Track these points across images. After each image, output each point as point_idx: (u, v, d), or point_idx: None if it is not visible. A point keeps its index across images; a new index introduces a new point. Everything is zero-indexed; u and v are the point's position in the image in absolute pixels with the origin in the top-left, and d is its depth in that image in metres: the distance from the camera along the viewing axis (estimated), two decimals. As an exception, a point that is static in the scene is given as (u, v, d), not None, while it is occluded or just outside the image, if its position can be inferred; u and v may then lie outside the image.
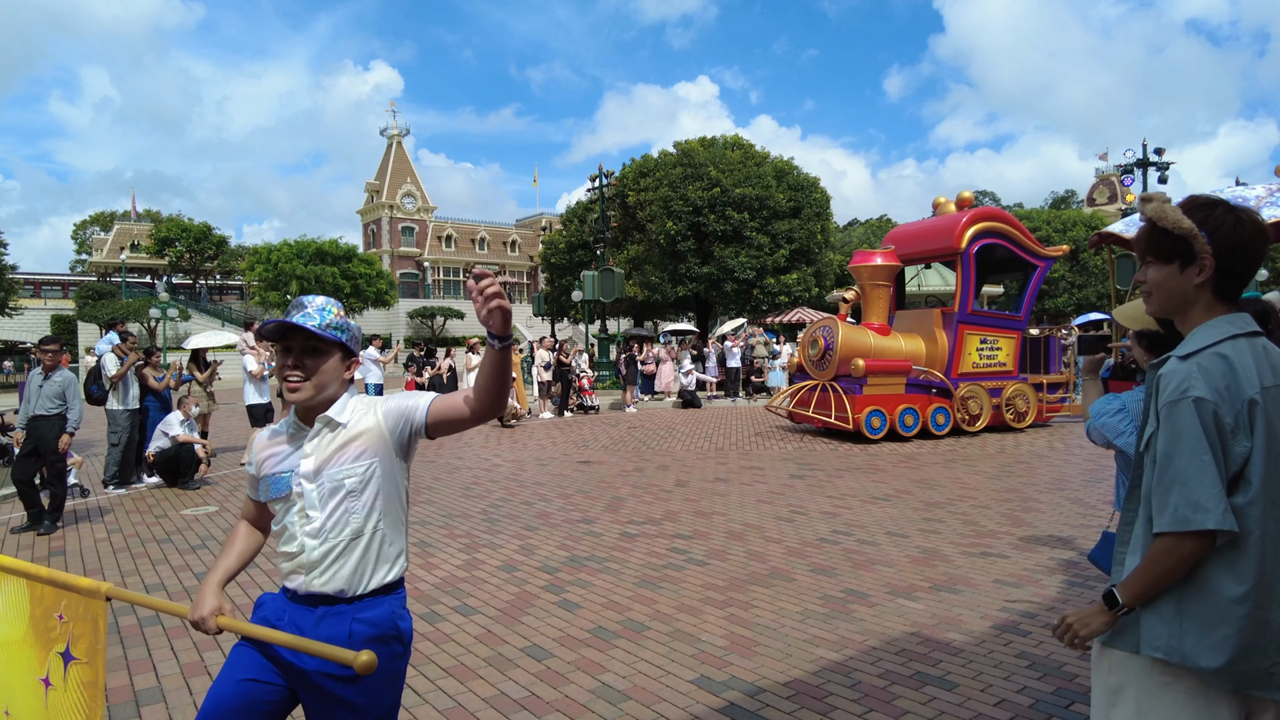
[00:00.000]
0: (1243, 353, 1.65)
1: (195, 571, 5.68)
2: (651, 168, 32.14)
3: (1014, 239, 12.53)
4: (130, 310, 41.77)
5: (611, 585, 5.14)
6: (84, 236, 73.87)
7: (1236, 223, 1.70)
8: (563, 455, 11.09)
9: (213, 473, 9.83)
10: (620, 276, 22.75)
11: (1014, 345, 12.88)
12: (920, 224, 13.58)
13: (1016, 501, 7.52)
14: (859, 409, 11.53)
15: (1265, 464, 1.61)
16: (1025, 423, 12.71)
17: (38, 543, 6.71)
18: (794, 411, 12.94)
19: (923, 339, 12.50)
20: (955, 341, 12.27)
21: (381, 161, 69.65)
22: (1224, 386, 1.62)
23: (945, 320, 12.50)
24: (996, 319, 13.09)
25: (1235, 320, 1.71)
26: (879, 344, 12.04)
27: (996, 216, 12.53)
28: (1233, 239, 1.69)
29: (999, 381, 12.57)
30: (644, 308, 35.74)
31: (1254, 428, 1.61)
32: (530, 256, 69.92)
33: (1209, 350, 1.66)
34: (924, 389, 12.16)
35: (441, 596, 4.99)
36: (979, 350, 12.54)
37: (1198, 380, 1.62)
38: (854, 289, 12.90)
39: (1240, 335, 1.68)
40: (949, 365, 12.24)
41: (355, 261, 43.69)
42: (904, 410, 11.74)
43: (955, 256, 12.21)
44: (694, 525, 6.74)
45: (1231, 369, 1.63)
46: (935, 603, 4.70)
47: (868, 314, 12.66)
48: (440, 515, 7.33)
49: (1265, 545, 1.62)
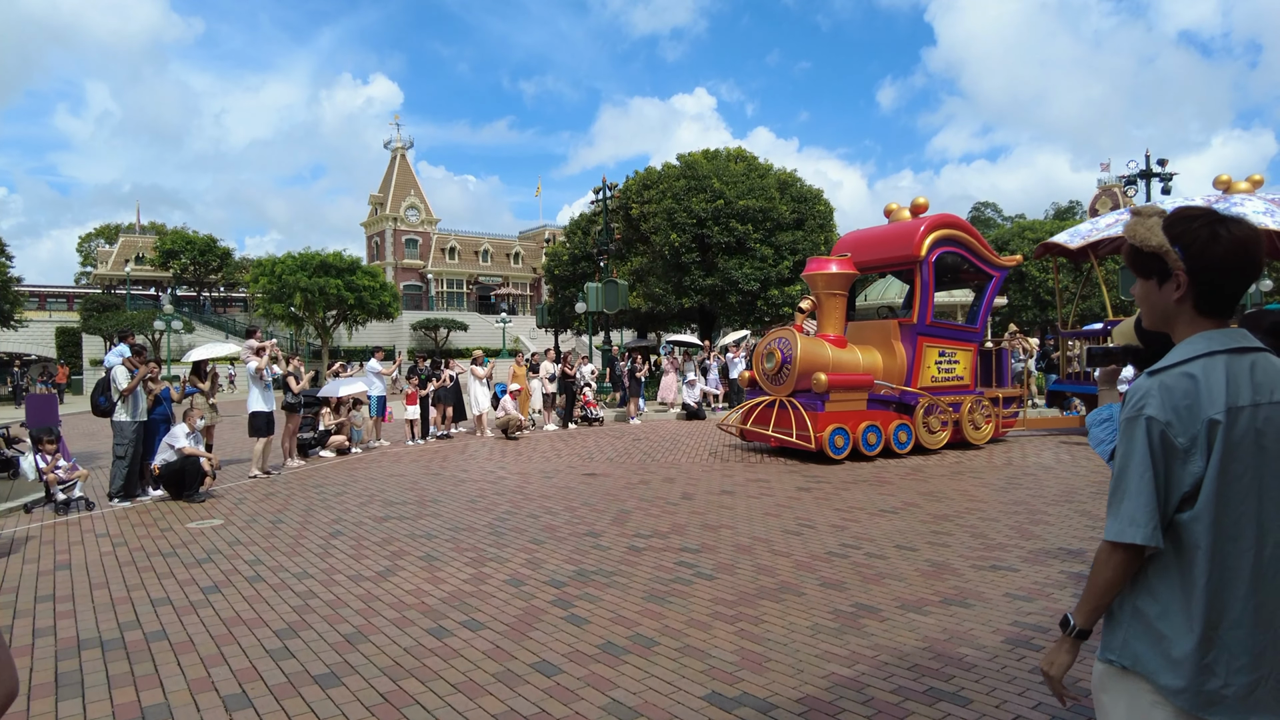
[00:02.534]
0: (1214, 371, 1.61)
1: (201, 585, 5.65)
2: (655, 180, 32.22)
3: (971, 248, 12.03)
4: (135, 322, 41.87)
5: (619, 599, 5.10)
6: (89, 249, 74.18)
7: (1211, 237, 1.64)
8: (568, 467, 11.06)
9: (218, 485, 9.81)
10: (624, 288, 22.78)
11: (971, 358, 12.43)
12: (876, 230, 12.74)
13: (1024, 514, 7.48)
14: (821, 427, 10.81)
15: (1217, 482, 1.59)
16: (984, 438, 12.24)
17: (43, 556, 6.69)
18: (747, 430, 12.13)
19: (879, 351, 11.87)
20: (914, 354, 11.68)
21: (385, 174, 69.93)
22: (1183, 406, 1.59)
23: (903, 332, 11.86)
24: (954, 330, 12.55)
25: (1216, 337, 1.66)
26: (838, 357, 11.41)
27: (954, 224, 11.98)
28: (1206, 254, 1.64)
29: (958, 395, 12.06)
30: (648, 319, 35.74)
31: (1211, 448, 1.59)
32: (533, 268, 70.05)
33: (1176, 368, 1.64)
34: (884, 404, 11.56)
35: (449, 611, 4.96)
36: (938, 363, 12.01)
37: (1154, 398, 1.62)
38: (810, 298, 12.19)
39: (1219, 352, 1.63)
40: (908, 379, 11.65)
41: (359, 274, 43.77)
42: (867, 428, 11.07)
43: (914, 265, 11.56)
44: (701, 538, 6.70)
45: (1195, 388, 1.60)
46: (946, 617, 4.67)
47: (823, 325, 12.05)
48: (446, 528, 7.31)
49: (1213, 562, 1.60)
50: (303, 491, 9.57)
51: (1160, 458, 1.61)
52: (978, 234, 12.16)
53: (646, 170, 33.59)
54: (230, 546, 6.82)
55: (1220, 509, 1.60)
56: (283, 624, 4.80)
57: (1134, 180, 22.85)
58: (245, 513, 8.32)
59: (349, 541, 6.89)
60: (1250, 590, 1.60)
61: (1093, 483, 9.02)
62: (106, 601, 5.35)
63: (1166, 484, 1.62)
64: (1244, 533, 1.61)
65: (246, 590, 5.52)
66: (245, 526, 7.63)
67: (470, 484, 9.80)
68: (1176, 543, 1.64)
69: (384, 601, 5.18)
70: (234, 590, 5.52)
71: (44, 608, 5.26)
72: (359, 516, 7.94)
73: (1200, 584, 1.61)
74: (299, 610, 5.05)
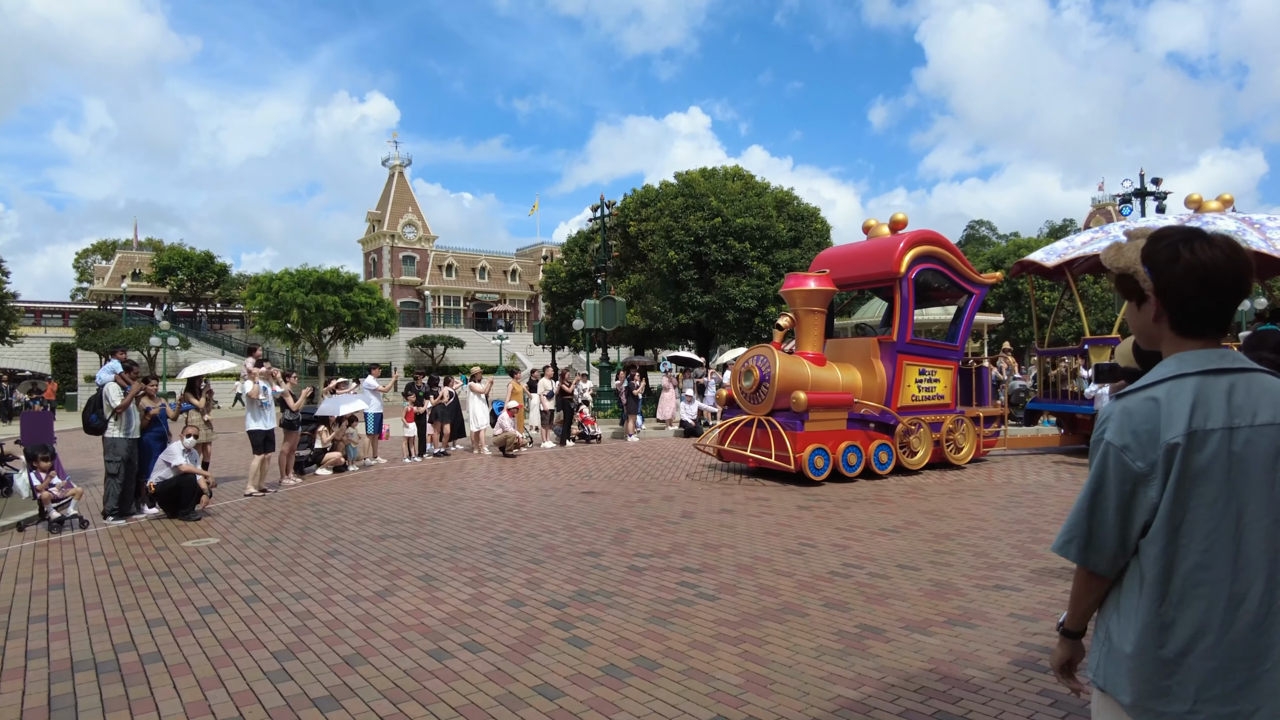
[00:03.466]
0: (1180, 395, 1.59)
1: (197, 606, 5.58)
2: (653, 198, 32.39)
3: (951, 264, 11.88)
4: (131, 338, 41.76)
5: (621, 621, 5.05)
6: (86, 265, 74.14)
7: (1171, 258, 1.62)
8: (566, 486, 11.00)
9: (214, 504, 9.73)
10: (622, 305, 22.81)
11: (951, 376, 12.15)
12: (855, 246, 12.65)
13: (1026, 532, 7.45)
14: (800, 447, 10.53)
15: (1172, 508, 1.57)
16: (965, 458, 12.02)
17: (36, 575, 6.61)
18: (725, 450, 11.77)
19: (859, 370, 11.65)
20: (894, 373, 11.45)
21: (383, 191, 70.14)
22: (1143, 430, 1.59)
23: (883, 350, 11.63)
24: (935, 349, 12.26)
25: (1189, 359, 1.64)
26: (817, 375, 11.16)
27: (934, 240, 11.81)
28: (1166, 274, 1.64)
29: (938, 415, 11.83)
30: (645, 336, 35.77)
31: (1170, 472, 1.57)
32: (531, 285, 70.15)
33: (1142, 392, 1.63)
34: (864, 424, 11.30)
35: (449, 633, 4.90)
36: (918, 382, 11.75)
37: (1114, 423, 1.63)
38: (789, 314, 11.94)
39: (1190, 374, 1.61)
40: (888, 398, 11.41)
41: (356, 290, 43.77)
42: (847, 448, 10.80)
43: (894, 282, 11.38)
44: (702, 558, 6.65)
45: (1156, 412, 1.58)
46: (952, 638, 4.62)
47: (802, 342, 11.79)
48: (445, 548, 7.24)
49: (1167, 588, 1.59)
50: (299, 510, 9.49)
51: (1113, 481, 1.62)
52: (957, 250, 12.07)
53: (644, 188, 33.81)
54: (227, 566, 6.75)
55: (1179, 536, 1.59)
56: (280, 645, 4.73)
57: (1128, 199, 23.00)
58: (242, 531, 8.25)
59: (346, 561, 6.82)
60: (1225, 623, 1.56)
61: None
62: (101, 622, 5.28)
63: (1126, 508, 1.62)
64: (1216, 561, 1.56)
65: (243, 610, 5.45)
66: (242, 545, 7.56)
67: (468, 502, 9.74)
68: (1137, 567, 1.66)
69: (383, 622, 5.12)
70: (230, 611, 5.45)
71: (37, 629, 5.19)
72: (356, 535, 7.87)
73: (1148, 607, 1.62)
74: (297, 631, 4.98)
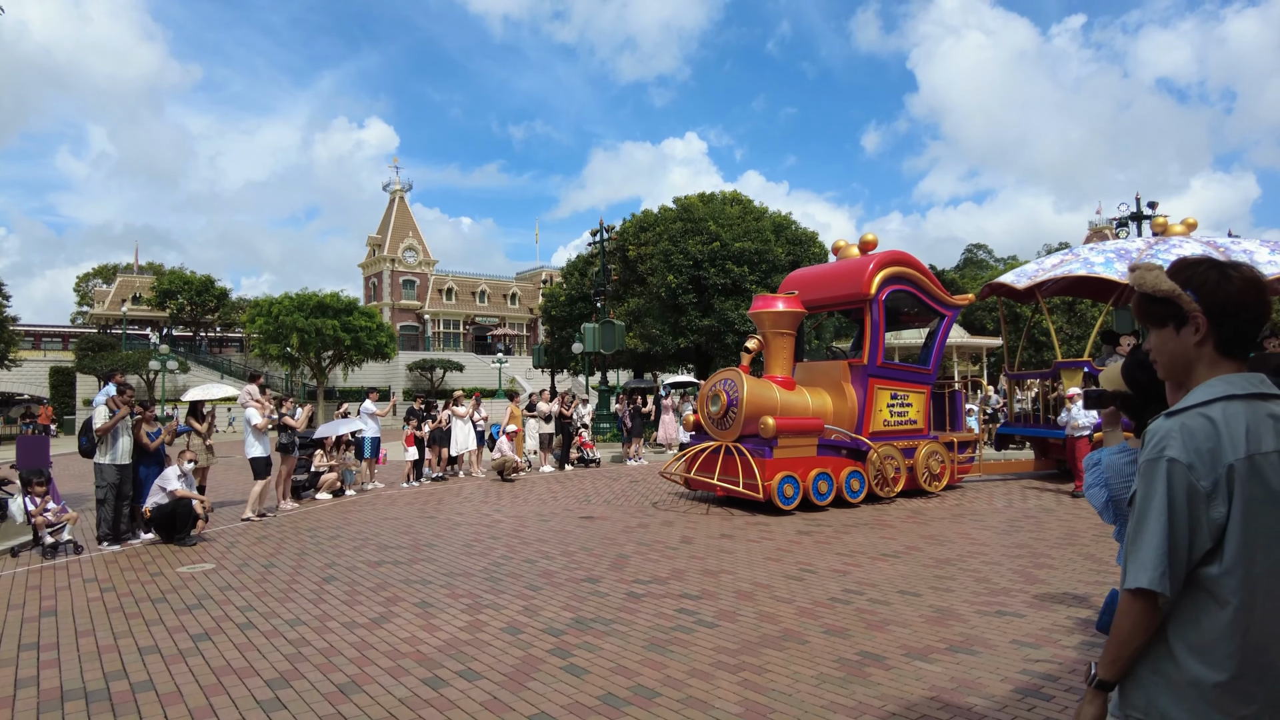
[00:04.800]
0: (1235, 416, 1.58)
1: (191, 633, 5.52)
2: (652, 222, 32.61)
3: (922, 286, 11.62)
4: (130, 362, 41.74)
5: (619, 648, 4.99)
6: (87, 288, 74.31)
7: (1221, 278, 1.66)
8: (564, 510, 10.94)
9: (210, 529, 9.66)
10: (620, 329, 22.84)
11: (924, 401, 11.83)
12: (824, 268, 12.43)
13: (1028, 558, 7.39)
14: (769, 475, 10.08)
15: (1242, 534, 1.54)
16: (940, 485, 11.65)
17: (28, 601, 6.55)
18: (692, 478, 11.23)
19: (829, 394, 11.33)
20: (865, 397, 11.12)
21: (384, 216, 70.54)
22: (1206, 449, 1.56)
23: (854, 373, 11.29)
24: (907, 372, 11.94)
25: (1235, 380, 1.64)
26: (786, 399, 10.86)
27: (905, 261, 11.56)
28: (1219, 294, 1.66)
29: (911, 440, 11.46)
30: (644, 359, 35.79)
31: (1232, 495, 1.54)
32: (530, 309, 70.30)
33: (1195, 409, 1.61)
34: (835, 450, 10.90)
35: (444, 660, 4.84)
36: (889, 407, 11.40)
37: (1175, 440, 1.59)
38: (757, 337, 11.59)
39: (1238, 396, 1.61)
40: (859, 423, 11.09)
41: (356, 314, 43.82)
42: (817, 475, 10.38)
43: (864, 303, 11.09)
44: (702, 584, 6.59)
45: (1216, 431, 1.57)
46: (953, 665, 4.57)
47: (771, 366, 11.46)
48: (441, 574, 7.18)
49: (1248, 620, 1.54)
50: (296, 535, 9.42)
51: (1181, 501, 1.56)
52: (928, 271, 11.85)
53: (643, 213, 34.06)
54: (221, 592, 6.69)
55: (1255, 564, 1.54)
56: (274, 673, 4.67)
57: (1125, 222, 23.11)
58: (237, 557, 8.18)
59: (343, 587, 6.76)
60: None
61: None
62: (92, 650, 5.22)
63: (1190, 530, 1.56)
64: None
65: (237, 638, 5.39)
66: (237, 571, 7.49)
67: (466, 527, 9.67)
68: (1204, 598, 1.58)
69: (378, 650, 5.06)
70: (224, 638, 5.39)
71: (27, 656, 5.12)
72: (353, 561, 7.81)
73: (1235, 639, 1.54)
74: (291, 659, 4.92)
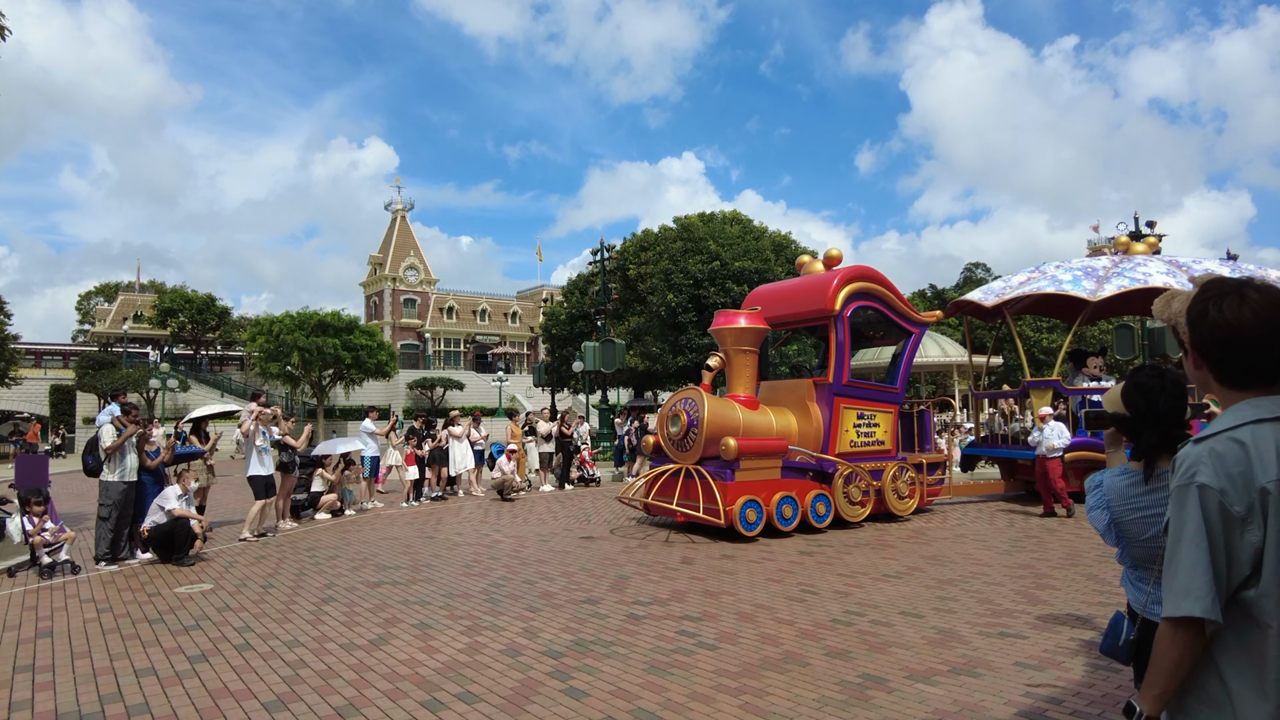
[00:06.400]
0: (1264, 439, 1.58)
1: (188, 654, 5.48)
2: (652, 241, 32.78)
3: (889, 302, 11.33)
4: (130, 380, 41.71)
5: (619, 671, 4.95)
6: (88, 306, 74.50)
7: (1201, 314, 1.65)
8: (564, 530, 10.89)
9: (208, 548, 9.61)
10: (621, 347, 22.87)
11: (892, 421, 11.44)
12: (788, 283, 12.12)
13: (1030, 578, 7.35)
14: (731, 499, 9.55)
15: (1278, 555, 1.53)
16: (909, 509, 11.25)
17: (24, 622, 6.50)
18: (651, 503, 10.70)
19: (794, 414, 10.90)
20: (831, 417, 10.72)
21: (385, 235, 70.87)
22: (1236, 473, 1.56)
23: (819, 392, 10.90)
24: (874, 391, 11.59)
25: (1264, 404, 1.63)
26: (749, 419, 10.38)
27: (870, 276, 11.28)
28: (1198, 330, 1.66)
29: (879, 462, 11.08)
30: (644, 378, 35.81)
31: (1266, 518, 1.54)
32: (531, 327, 70.41)
33: (1225, 434, 1.60)
34: (800, 473, 10.49)
35: (443, 683, 4.80)
36: (856, 427, 11.02)
37: (1206, 466, 1.58)
38: (719, 355, 11.18)
39: (1267, 420, 1.60)
40: (825, 444, 10.66)
41: (356, 333, 43.88)
42: (782, 499, 9.92)
43: (828, 320, 10.77)
44: (702, 606, 6.55)
45: (1246, 455, 1.56)
46: (956, 687, 4.53)
47: (733, 384, 11.05)
48: (440, 595, 7.14)
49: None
50: (295, 555, 9.38)
51: (1217, 526, 1.55)
52: (894, 288, 11.49)
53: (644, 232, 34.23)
54: (219, 613, 6.65)
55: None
56: (272, 695, 4.63)
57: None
58: (236, 577, 8.14)
59: (341, 608, 6.72)
60: None
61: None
62: (88, 671, 5.18)
63: (1227, 554, 1.55)
64: None
65: (235, 659, 5.35)
66: (235, 591, 7.45)
67: (465, 548, 9.63)
68: (1245, 622, 1.56)
69: (377, 672, 5.02)
70: (221, 659, 5.35)
71: (22, 679, 5.08)
72: (351, 581, 7.77)
73: (1273, 662, 1.52)
74: (289, 681, 4.88)
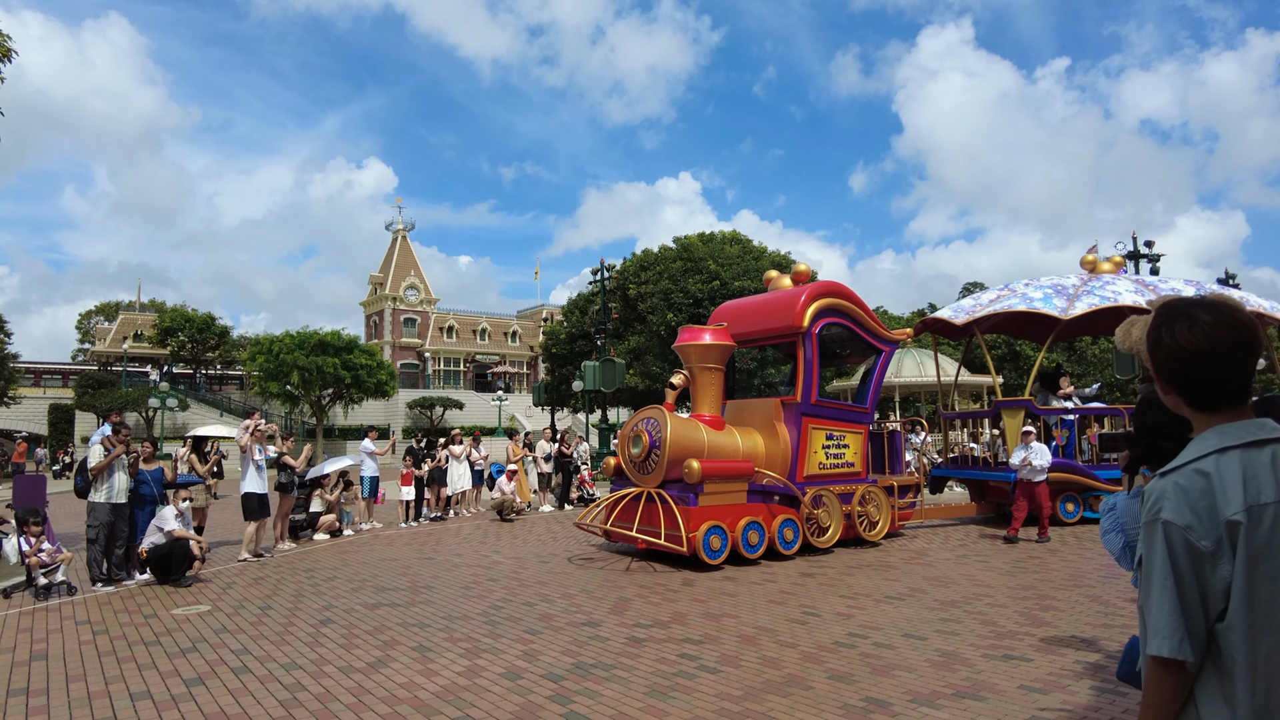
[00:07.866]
0: (1229, 467, 1.53)
1: (184, 677, 5.42)
2: (652, 261, 32.89)
3: (859, 319, 11.03)
4: (129, 399, 41.69)
5: (620, 695, 4.90)
6: (89, 325, 74.57)
7: (1155, 341, 1.65)
8: (564, 551, 10.82)
9: (206, 569, 9.55)
10: (621, 367, 22.89)
11: (861, 442, 11.04)
12: (755, 299, 11.76)
13: (1034, 600, 7.30)
14: (694, 525, 9.11)
15: (1246, 586, 1.50)
16: (879, 533, 10.88)
17: (19, 644, 6.44)
18: (611, 529, 10.18)
19: (761, 434, 10.51)
20: (799, 438, 10.30)
21: (386, 255, 71.11)
22: (1202, 507, 1.52)
23: (786, 411, 10.50)
24: (843, 411, 11.28)
25: (1230, 431, 1.59)
26: (714, 440, 9.95)
27: (839, 293, 11.02)
28: (1158, 355, 1.65)
29: (848, 485, 10.66)
30: (644, 397, 35.77)
31: (1235, 550, 1.50)
32: (531, 347, 70.44)
33: (1189, 466, 1.57)
34: (766, 496, 10.02)
35: (442, 706, 4.75)
36: (825, 448, 10.62)
37: (1169, 501, 1.55)
38: (683, 373, 10.79)
39: (1233, 447, 1.56)
40: (793, 466, 10.23)
41: (356, 352, 43.92)
42: (748, 525, 9.49)
43: (796, 337, 10.43)
44: (704, 628, 6.50)
45: (1210, 488, 1.52)
46: (960, 711, 4.48)
47: (698, 403, 10.60)
48: (440, 617, 7.08)
49: (1256, 674, 1.50)
50: (293, 576, 9.32)
51: (1184, 564, 1.52)
52: (864, 305, 11.23)
53: (643, 252, 34.35)
54: (216, 635, 6.59)
55: (1257, 615, 1.50)
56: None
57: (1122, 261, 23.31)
58: (233, 598, 8.08)
59: (340, 630, 6.66)
60: None
61: (1101, 566, 8.84)
62: (83, 695, 5.12)
63: (1200, 591, 1.52)
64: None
65: (232, 682, 5.30)
66: (233, 613, 7.39)
67: (464, 569, 9.56)
68: (1217, 655, 1.54)
69: (375, 695, 4.97)
70: (218, 682, 5.30)
71: (16, 703, 5.03)
72: (350, 603, 7.71)
73: (1244, 700, 1.50)
74: (286, 704, 4.83)
